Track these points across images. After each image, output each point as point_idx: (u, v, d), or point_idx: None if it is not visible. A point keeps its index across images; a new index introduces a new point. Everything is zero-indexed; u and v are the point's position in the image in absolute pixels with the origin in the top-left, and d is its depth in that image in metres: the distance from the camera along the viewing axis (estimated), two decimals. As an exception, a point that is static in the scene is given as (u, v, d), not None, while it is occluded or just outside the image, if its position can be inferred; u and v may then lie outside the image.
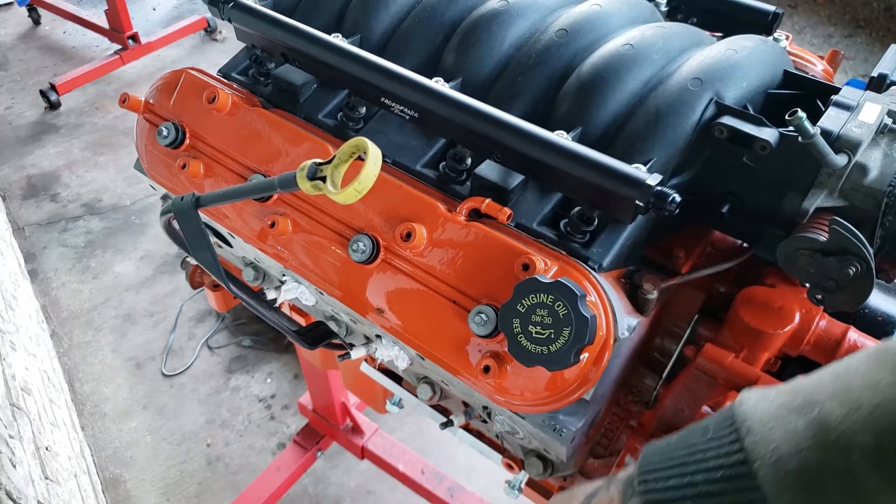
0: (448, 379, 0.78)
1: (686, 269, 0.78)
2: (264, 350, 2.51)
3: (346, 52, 0.82)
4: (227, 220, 0.87)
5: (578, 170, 0.69)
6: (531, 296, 0.62)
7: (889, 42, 2.60)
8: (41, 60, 4.03)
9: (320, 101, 0.90)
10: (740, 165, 0.74)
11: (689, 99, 0.73)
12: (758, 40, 0.80)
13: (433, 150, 0.83)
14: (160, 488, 2.15)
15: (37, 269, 2.83)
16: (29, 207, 3.11)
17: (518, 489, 0.89)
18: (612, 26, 0.83)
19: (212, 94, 0.88)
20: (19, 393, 1.74)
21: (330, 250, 0.79)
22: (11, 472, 1.39)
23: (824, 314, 0.75)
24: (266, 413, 2.33)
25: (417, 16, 0.89)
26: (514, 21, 0.84)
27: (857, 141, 0.67)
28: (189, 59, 4.01)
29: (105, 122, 3.57)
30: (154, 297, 2.71)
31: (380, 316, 0.76)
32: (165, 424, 2.31)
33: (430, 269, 0.73)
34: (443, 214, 0.74)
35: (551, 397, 0.67)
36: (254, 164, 0.85)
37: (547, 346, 0.61)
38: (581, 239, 0.72)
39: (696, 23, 0.99)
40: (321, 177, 0.62)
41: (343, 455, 2.18)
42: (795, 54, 0.96)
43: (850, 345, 0.73)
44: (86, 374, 2.46)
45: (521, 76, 0.81)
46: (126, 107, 0.95)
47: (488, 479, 2.11)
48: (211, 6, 0.92)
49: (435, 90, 0.76)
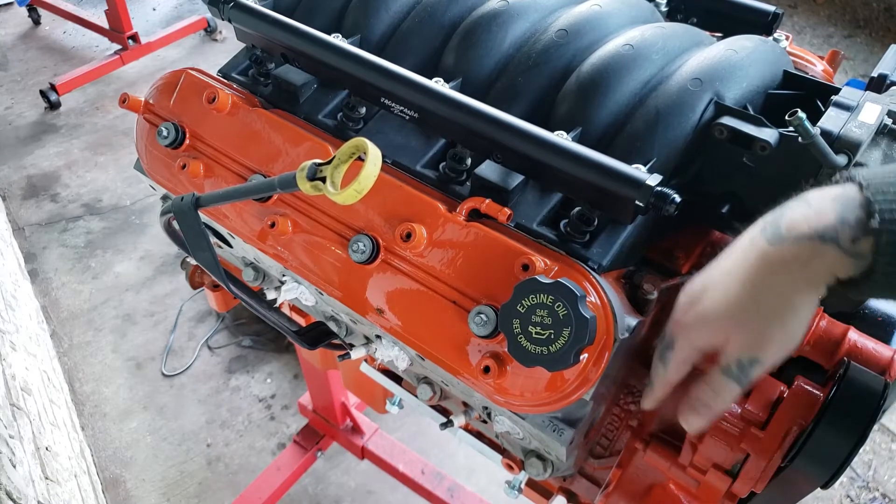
0: (448, 379, 0.78)
1: (686, 269, 0.78)
2: (264, 350, 2.51)
3: (346, 52, 0.82)
4: (227, 221, 0.87)
5: (578, 170, 0.69)
6: (531, 296, 0.62)
7: (889, 42, 2.60)
8: (41, 60, 4.03)
9: (320, 102, 0.90)
10: (740, 166, 0.74)
11: (689, 99, 0.73)
12: (758, 40, 0.80)
13: (433, 150, 0.83)
14: (160, 488, 2.15)
15: (37, 269, 2.83)
16: (29, 207, 3.11)
17: (518, 489, 0.89)
18: (611, 26, 0.83)
19: (212, 94, 0.88)
20: (19, 393, 1.74)
21: (330, 251, 0.79)
22: (11, 472, 1.39)
23: (824, 315, 0.75)
24: (266, 413, 2.33)
25: (417, 16, 0.89)
26: (514, 21, 0.84)
27: (857, 141, 0.67)
28: (189, 60, 4.01)
29: (105, 122, 3.57)
30: (154, 297, 2.71)
31: (380, 316, 0.76)
32: (165, 424, 2.31)
33: (429, 270, 0.73)
34: (443, 215, 0.74)
35: (551, 398, 0.67)
36: (254, 164, 0.85)
37: (547, 347, 0.61)
38: (581, 239, 0.72)
39: (696, 23, 0.99)
40: (321, 177, 0.62)
41: (343, 455, 2.18)
42: (795, 54, 0.96)
43: (850, 345, 0.73)
44: (86, 374, 2.46)
45: (521, 76, 0.81)
46: (126, 107, 0.95)
47: (488, 479, 2.11)
48: (211, 6, 0.92)
49: (435, 90, 0.76)
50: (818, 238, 0.53)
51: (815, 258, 0.53)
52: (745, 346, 0.59)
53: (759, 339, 0.58)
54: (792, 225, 0.55)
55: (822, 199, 0.54)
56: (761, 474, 0.69)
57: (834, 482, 0.62)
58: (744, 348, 0.59)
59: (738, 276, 0.59)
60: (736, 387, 0.60)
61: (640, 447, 0.80)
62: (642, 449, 0.79)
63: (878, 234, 0.50)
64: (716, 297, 0.60)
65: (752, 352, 0.59)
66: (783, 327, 0.57)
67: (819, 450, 0.62)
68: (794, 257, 0.54)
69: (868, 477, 2.17)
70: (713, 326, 0.60)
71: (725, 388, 0.61)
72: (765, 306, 0.57)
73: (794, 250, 0.54)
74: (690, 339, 0.63)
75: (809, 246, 0.53)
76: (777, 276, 0.56)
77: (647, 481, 0.86)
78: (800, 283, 0.55)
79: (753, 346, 0.59)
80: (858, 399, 0.63)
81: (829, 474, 0.62)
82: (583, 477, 0.86)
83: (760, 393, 0.70)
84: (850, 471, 2.18)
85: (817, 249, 0.53)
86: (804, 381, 0.69)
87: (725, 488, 0.72)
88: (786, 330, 0.57)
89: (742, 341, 0.59)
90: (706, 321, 0.61)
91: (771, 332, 0.57)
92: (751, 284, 0.57)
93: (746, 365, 0.59)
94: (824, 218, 0.53)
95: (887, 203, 0.50)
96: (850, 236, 0.51)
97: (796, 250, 0.54)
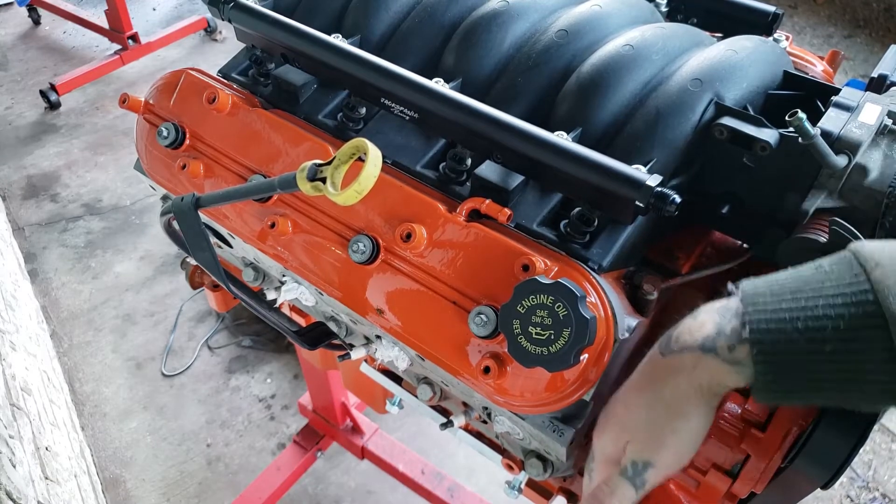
0: (448, 379, 0.78)
1: (686, 269, 0.78)
2: (264, 350, 2.51)
3: (346, 52, 0.82)
4: (227, 221, 0.87)
5: (578, 170, 0.69)
6: (531, 297, 0.62)
7: (889, 42, 2.60)
8: (41, 60, 4.03)
9: (320, 102, 0.90)
10: (740, 166, 0.74)
11: (689, 100, 0.73)
12: (758, 41, 0.80)
13: (433, 150, 0.83)
14: (160, 488, 2.15)
15: (37, 269, 2.83)
16: (29, 207, 3.11)
17: (518, 489, 0.89)
18: (612, 27, 0.83)
19: (212, 94, 0.88)
20: (19, 393, 1.74)
21: (330, 251, 0.79)
22: (11, 472, 1.39)
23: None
24: (266, 413, 2.33)
25: (417, 16, 0.89)
26: (514, 22, 0.84)
27: (857, 142, 0.67)
28: (189, 60, 4.01)
29: (105, 122, 3.57)
30: (154, 297, 2.71)
31: (380, 316, 0.76)
32: (165, 424, 2.31)
33: (430, 270, 0.73)
34: (443, 215, 0.74)
35: (551, 398, 0.67)
36: (254, 164, 0.85)
37: (547, 347, 0.61)
38: (581, 240, 0.72)
39: (696, 23, 0.99)
40: (321, 178, 0.62)
41: (343, 455, 2.18)
42: (795, 55, 0.96)
43: (850, 345, 0.73)
44: (86, 374, 2.46)
45: (520, 77, 0.81)
46: (126, 107, 0.95)
47: (488, 479, 2.11)
48: (211, 6, 0.92)
49: (435, 91, 0.76)
50: (699, 348, 0.55)
51: (698, 367, 0.56)
52: (640, 450, 0.62)
53: (651, 444, 0.61)
54: (678, 336, 0.58)
55: (707, 312, 0.57)
56: (761, 475, 0.69)
57: (834, 483, 0.62)
58: (638, 451, 0.62)
59: (636, 386, 0.62)
60: (630, 488, 0.62)
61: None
62: (642, 449, 0.79)
63: (751, 343, 0.51)
64: (619, 407, 0.64)
65: (645, 455, 0.61)
66: (674, 433, 0.59)
67: (819, 450, 0.62)
68: (680, 366, 0.57)
69: (868, 477, 2.17)
70: (616, 433, 0.64)
71: (619, 488, 0.63)
72: (657, 413, 0.59)
73: (679, 360, 0.57)
74: (602, 448, 0.66)
75: (692, 355, 0.56)
76: (667, 385, 0.58)
77: (647, 481, 0.85)
78: (688, 391, 0.57)
79: (645, 451, 0.61)
80: (858, 399, 0.63)
81: (829, 475, 0.61)
82: (583, 477, 0.86)
83: (760, 393, 0.70)
84: (850, 471, 2.18)
85: (699, 359, 0.55)
86: (804, 382, 0.69)
87: (725, 489, 0.72)
88: (676, 436, 0.59)
89: (637, 445, 0.62)
90: (612, 429, 0.64)
91: (662, 438, 0.60)
92: (645, 393, 0.61)
93: (640, 468, 0.61)
94: (705, 329, 0.55)
95: (758, 312, 0.52)
96: (725, 345, 0.53)
97: (681, 360, 0.57)
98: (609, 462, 0.65)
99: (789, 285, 0.52)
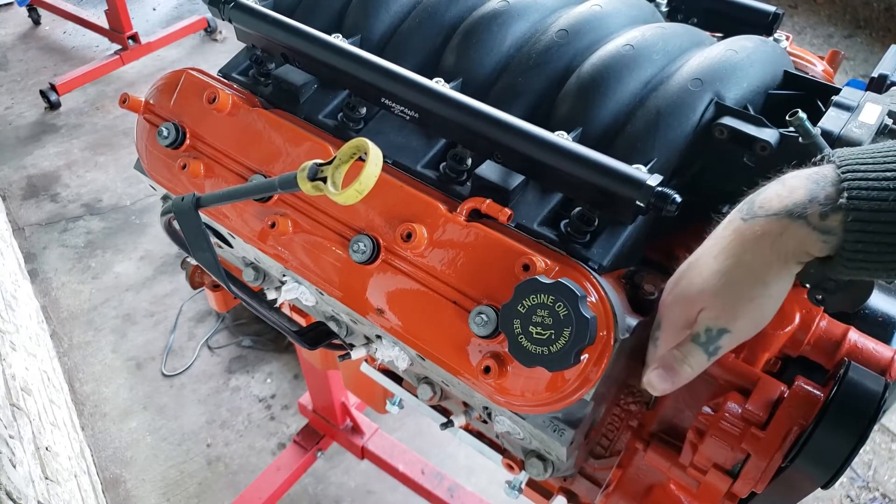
0: (448, 379, 0.78)
1: (686, 269, 0.78)
2: (264, 350, 2.51)
3: (346, 52, 0.82)
4: (227, 221, 0.87)
5: (579, 170, 0.69)
6: (532, 296, 0.62)
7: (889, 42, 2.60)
8: (41, 60, 4.03)
9: (321, 102, 0.90)
10: (741, 166, 0.74)
11: (689, 99, 0.73)
12: (758, 41, 0.80)
13: (433, 150, 0.83)
14: (160, 488, 2.15)
15: (37, 269, 2.83)
16: (29, 207, 3.11)
17: (518, 489, 0.89)
18: (612, 27, 0.83)
19: (212, 94, 0.88)
20: (19, 393, 1.74)
21: (330, 251, 0.79)
22: (11, 472, 1.39)
23: (824, 315, 0.75)
24: (266, 413, 2.33)
25: (418, 16, 0.89)
26: (515, 21, 0.84)
27: (857, 141, 0.67)
28: (189, 60, 4.01)
29: (105, 122, 3.57)
30: (154, 297, 2.71)
31: (380, 316, 0.76)
32: (165, 424, 2.31)
33: (430, 270, 0.73)
34: (443, 215, 0.74)
35: (551, 398, 0.67)
36: (254, 164, 0.85)
37: (547, 347, 0.61)
38: (581, 239, 0.72)
39: (696, 23, 0.99)
40: (322, 177, 0.62)
41: (343, 455, 2.18)
42: (795, 55, 0.96)
43: (851, 346, 0.73)
44: (86, 374, 2.46)
45: (521, 77, 0.81)
46: (126, 107, 0.95)
47: (488, 479, 2.11)
48: (211, 6, 0.92)
49: (435, 91, 0.76)
50: (787, 214, 0.54)
51: (784, 233, 0.55)
52: (715, 317, 0.60)
53: (728, 311, 0.60)
54: (765, 202, 0.57)
55: (797, 178, 0.56)
56: (762, 474, 0.69)
57: (834, 482, 0.62)
58: (713, 318, 0.61)
59: (713, 252, 0.61)
60: (702, 354, 0.62)
61: (640, 447, 0.80)
62: (643, 449, 0.79)
63: (847, 210, 0.51)
64: (693, 274, 0.62)
65: (721, 322, 0.60)
66: (753, 301, 0.58)
67: (819, 450, 0.62)
68: (765, 232, 0.56)
69: (868, 477, 2.17)
70: (689, 301, 0.62)
71: (691, 354, 0.62)
72: (736, 280, 0.58)
73: (764, 225, 0.56)
74: (672, 317, 0.65)
75: (779, 221, 0.55)
76: (748, 250, 0.57)
77: (647, 481, 0.86)
78: (770, 258, 0.56)
79: (722, 317, 0.60)
80: (859, 399, 0.63)
81: (829, 474, 0.62)
82: (583, 477, 0.86)
83: (761, 393, 0.70)
84: (850, 471, 2.18)
85: (787, 225, 0.54)
86: (804, 382, 0.69)
87: (726, 488, 0.72)
88: (755, 304, 0.58)
89: (712, 312, 0.60)
90: (684, 297, 0.63)
91: (741, 305, 0.59)
92: (723, 259, 0.59)
93: (715, 334, 0.60)
94: (795, 195, 0.54)
95: (857, 181, 0.51)
96: (818, 212, 0.53)
97: (767, 225, 0.56)
98: (678, 329, 0.64)
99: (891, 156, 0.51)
